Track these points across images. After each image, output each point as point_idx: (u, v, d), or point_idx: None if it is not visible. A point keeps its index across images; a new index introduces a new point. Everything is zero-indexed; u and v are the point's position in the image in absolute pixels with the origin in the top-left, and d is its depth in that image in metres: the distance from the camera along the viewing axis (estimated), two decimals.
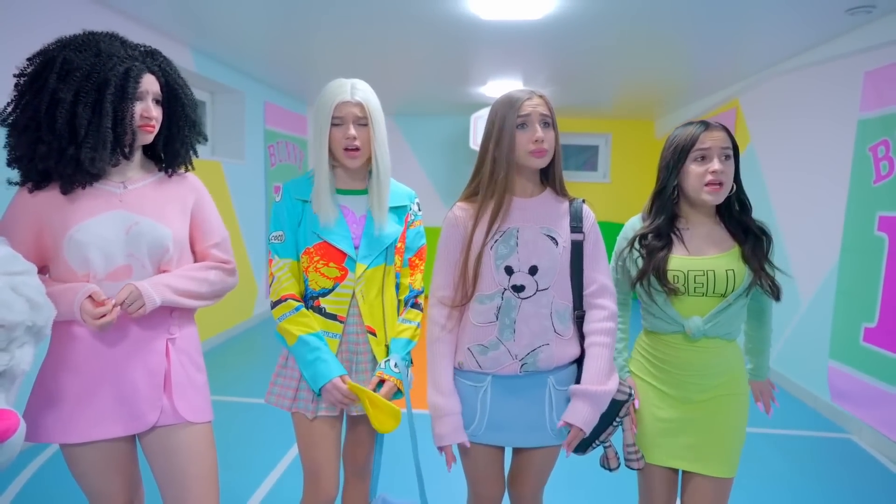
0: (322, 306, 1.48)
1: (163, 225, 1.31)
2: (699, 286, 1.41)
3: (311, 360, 1.44)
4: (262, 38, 3.97)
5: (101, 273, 1.25)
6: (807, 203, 3.79)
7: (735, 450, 1.45)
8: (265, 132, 5.51)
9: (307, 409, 1.48)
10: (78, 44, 1.22)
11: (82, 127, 1.19)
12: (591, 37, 3.68)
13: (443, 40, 3.87)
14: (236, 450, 2.79)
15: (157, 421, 1.30)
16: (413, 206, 1.58)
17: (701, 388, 1.44)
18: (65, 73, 1.18)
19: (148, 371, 1.29)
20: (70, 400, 1.26)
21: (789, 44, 3.69)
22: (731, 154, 1.40)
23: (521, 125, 1.34)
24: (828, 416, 3.46)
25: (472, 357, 1.40)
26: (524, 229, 1.38)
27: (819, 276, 3.61)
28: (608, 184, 7.22)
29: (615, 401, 1.42)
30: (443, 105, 6.40)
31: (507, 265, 1.36)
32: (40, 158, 1.20)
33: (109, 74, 1.20)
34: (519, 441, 1.43)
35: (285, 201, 1.51)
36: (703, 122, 1.42)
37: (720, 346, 1.44)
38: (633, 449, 1.48)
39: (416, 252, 1.58)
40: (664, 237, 1.45)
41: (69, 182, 1.23)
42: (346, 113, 1.41)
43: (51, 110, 1.17)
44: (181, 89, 1.35)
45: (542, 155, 1.35)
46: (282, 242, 1.50)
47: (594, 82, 5.11)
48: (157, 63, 1.31)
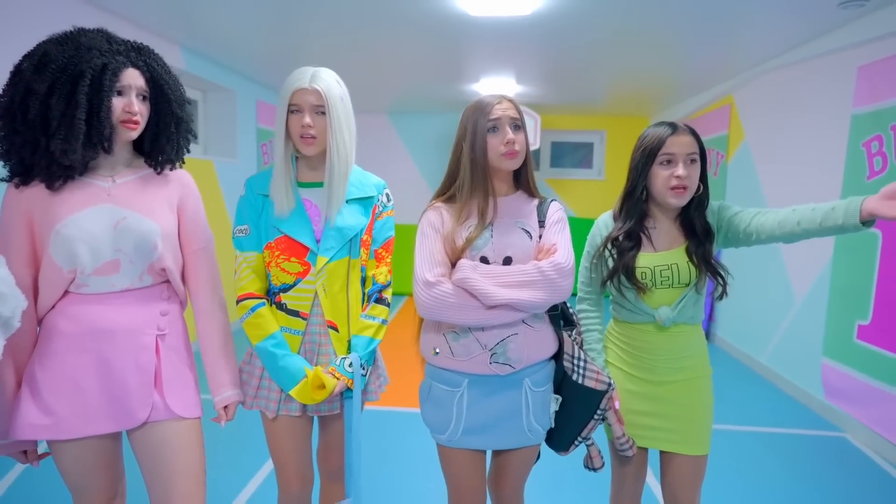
0: (283, 302, 1.46)
1: (150, 220, 1.29)
2: (665, 279, 1.49)
3: (272, 369, 1.44)
4: (253, 36, 3.93)
5: (89, 268, 1.24)
6: (801, 199, 3.75)
7: (708, 428, 1.54)
8: (257, 130, 5.47)
9: (268, 408, 1.47)
10: (60, 38, 1.22)
11: (55, 119, 1.18)
12: (582, 33, 3.65)
13: (433, 37, 3.84)
14: (226, 448, 2.76)
15: (147, 417, 1.29)
16: (381, 197, 1.53)
17: (671, 370, 1.51)
18: (42, 65, 1.19)
19: (138, 367, 1.28)
20: (59, 397, 1.25)
21: (782, 39, 3.66)
22: (696, 158, 1.46)
23: (491, 129, 1.38)
24: (821, 415, 3.42)
25: (446, 343, 1.40)
26: (499, 223, 1.41)
27: (813, 273, 3.57)
28: (603, 181, 7.19)
29: (595, 392, 1.41)
30: (436, 102, 6.36)
31: (482, 255, 1.38)
32: (16, 150, 1.21)
33: (85, 67, 1.19)
34: (496, 443, 1.43)
35: (248, 195, 1.48)
36: (671, 124, 1.47)
37: (687, 330, 1.52)
38: (624, 439, 1.49)
39: (384, 244, 1.53)
40: (634, 237, 1.51)
41: (48, 175, 1.23)
42: (302, 101, 1.39)
43: (25, 101, 1.18)
44: (167, 85, 1.33)
45: (513, 157, 1.39)
46: (246, 236, 1.47)
47: (588, 79, 5.07)
48: (142, 58, 1.29)
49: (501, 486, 1.50)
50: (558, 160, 7.43)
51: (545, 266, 1.33)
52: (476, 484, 1.45)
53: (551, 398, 1.45)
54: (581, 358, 1.44)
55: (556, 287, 1.33)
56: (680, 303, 1.49)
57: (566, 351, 1.45)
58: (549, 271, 1.32)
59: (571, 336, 1.48)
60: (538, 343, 1.40)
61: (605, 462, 1.55)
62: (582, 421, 1.45)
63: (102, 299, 1.28)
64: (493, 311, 1.32)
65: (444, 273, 1.36)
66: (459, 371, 1.39)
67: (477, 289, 1.30)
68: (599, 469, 1.54)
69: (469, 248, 1.37)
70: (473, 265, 1.34)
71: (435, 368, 1.44)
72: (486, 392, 1.39)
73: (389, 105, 6.59)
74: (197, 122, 4.98)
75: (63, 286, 1.27)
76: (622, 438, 1.49)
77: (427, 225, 1.43)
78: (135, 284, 1.31)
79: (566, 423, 1.47)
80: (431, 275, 1.34)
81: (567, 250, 1.38)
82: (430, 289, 1.33)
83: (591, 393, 1.41)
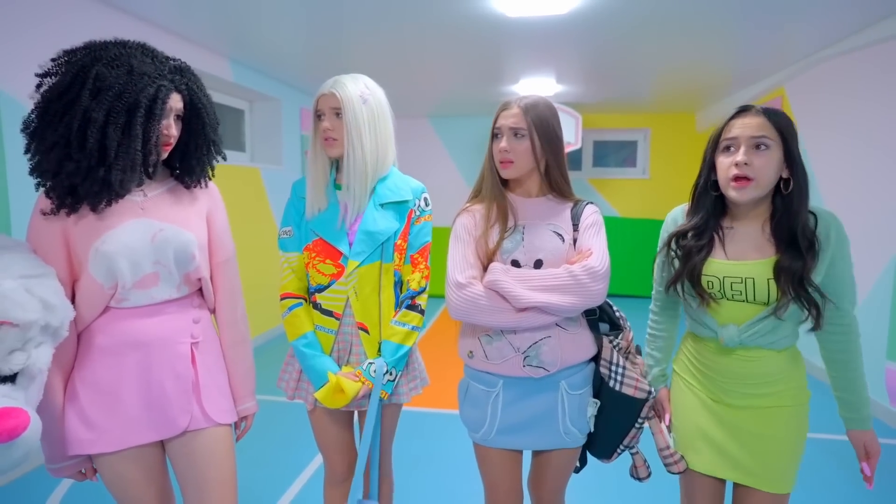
0: (318, 302, 1.52)
1: (186, 231, 1.31)
2: (737, 293, 1.28)
3: (304, 367, 1.52)
4: (297, 46, 4.04)
5: (129, 283, 1.24)
6: (859, 195, 3.56)
7: (790, 465, 1.31)
8: (301, 137, 5.61)
9: (308, 399, 1.55)
10: (110, 58, 1.19)
11: (112, 149, 1.17)
12: (622, 27, 3.57)
13: (472, 40, 3.84)
14: (270, 449, 2.83)
15: (187, 425, 1.31)
16: (419, 202, 1.53)
17: (746, 396, 1.32)
18: (97, 90, 1.16)
19: (175, 376, 1.30)
20: (100, 410, 1.26)
21: (838, 25, 3.47)
22: (768, 143, 1.22)
23: (495, 136, 1.43)
24: (887, 422, 3.23)
25: (480, 347, 1.41)
26: (530, 226, 1.41)
27: (875, 270, 3.37)
28: (647, 180, 7.01)
29: (634, 399, 1.37)
30: (476, 105, 6.36)
31: (513, 259, 1.38)
32: (67, 175, 1.18)
33: (140, 97, 1.19)
34: (532, 444, 1.42)
35: (292, 199, 1.57)
36: (745, 106, 1.29)
37: (764, 356, 1.30)
38: (669, 452, 1.40)
39: (419, 249, 1.53)
40: (704, 237, 1.32)
41: (95, 199, 1.21)
42: (323, 105, 1.47)
43: (82, 128, 1.16)
44: (204, 109, 1.34)
45: (506, 166, 1.41)
46: (290, 237, 1.55)
47: (630, 76, 4.96)
48: (184, 81, 1.30)
49: (540, 487, 1.49)
50: (601, 159, 7.30)
51: (577, 270, 1.31)
52: (511, 484, 1.44)
53: (589, 401, 1.42)
54: (619, 364, 1.40)
55: (588, 292, 1.30)
56: (753, 326, 1.27)
57: (603, 356, 1.42)
58: (581, 275, 1.30)
59: (614, 341, 1.44)
60: (573, 346, 1.38)
61: (651, 472, 1.48)
62: (623, 429, 1.41)
63: (142, 312, 1.28)
64: (523, 315, 1.31)
65: (475, 276, 1.36)
66: (494, 373, 1.39)
67: (507, 291, 1.30)
68: (645, 479, 1.48)
69: (499, 251, 1.37)
70: (505, 268, 1.34)
71: (472, 369, 1.45)
72: (521, 394, 1.38)
73: (430, 109, 6.63)
74: (244, 130, 5.16)
75: (104, 303, 1.26)
76: (666, 451, 1.40)
77: (460, 228, 1.44)
78: (173, 295, 1.32)
79: (606, 429, 1.43)
80: (463, 277, 1.35)
81: (602, 254, 1.35)
82: (461, 290, 1.33)
83: (630, 401, 1.37)
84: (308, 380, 1.53)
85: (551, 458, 1.44)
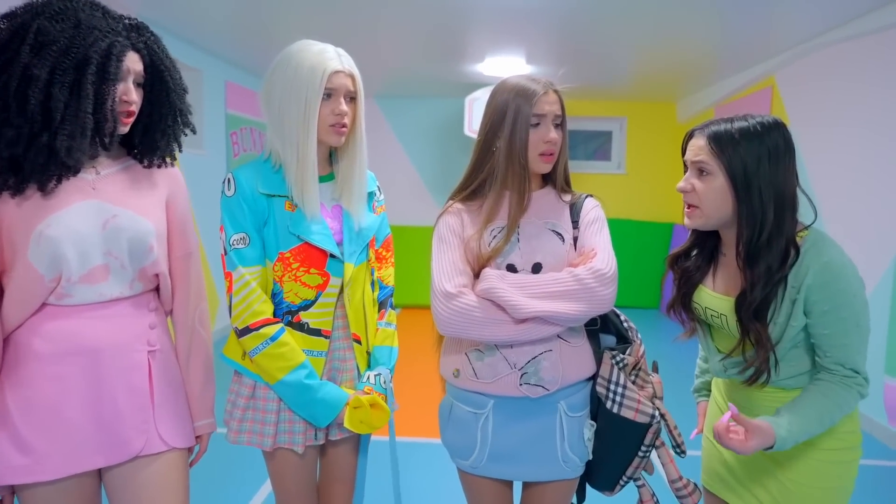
0: (304, 322, 1.42)
1: (144, 218, 1.28)
2: (720, 327, 1.36)
3: (306, 403, 1.38)
4: (223, 8, 3.87)
5: (75, 275, 1.20)
6: (855, 193, 3.74)
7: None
8: (227, 116, 5.42)
9: (294, 441, 1.41)
10: (54, 11, 1.17)
11: (58, 111, 1.15)
12: (601, 5, 3.61)
13: (432, 10, 3.80)
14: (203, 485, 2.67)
15: (141, 448, 1.26)
16: (376, 191, 1.57)
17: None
18: (39, 45, 1.14)
19: (130, 389, 1.25)
20: (37, 430, 1.19)
21: (832, 11, 3.64)
22: (707, 168, 1.25)
23: (535, 124, 1.36)
24: (885, 442, 3.39)
25: (468, 364, 1.38)
26: (526, 224, 1.39)
27: (872, 277, 3.54)
28: (623, 175, 7.17)
29: (635, 424, 1.35)
30: (433, 85, 6.33)
31: (508, 263, 1.36)
32: (6, 144, 1.15)
33: (90, 51, 1.16)
34: (527, 475, 1.40)
35: (242, 195, 1.37)
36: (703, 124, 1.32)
37: (782, 397, 1.32)
38: (682, 483, 1.42)
39: (384, 242, 1.56)
40: (704, 258, 1.39)
41: (42, 176, 1.18)
42: (338, 84, 1.37)
43: (21, 88, 1.13)
44: (167, 72, 1.32)
45: (550, 159, 1.39)
46: (248, 246, 1.37)
47: (607, 59, 5.05)
48: (142, 39, 1.28)
49: None
50: (571, 151, 7.38)
51: (582, 273, 1.29)
52: None
53: (586, 423, 1.42)
54: (619, 383, 1.38)
55: (597, 297, 1.29)
56: (728, 358, 1.34)
57: (601, 373, 1.41)
58: (587, 279, 1.29)
59: (619, 356, 1.42)
60: (576, 361, 1.37)
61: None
62: (624, 457, 1.40)
63: (87, 311, 1.24)
64: (523, 326, 1.28)
65: (465, 283, 1.33)
66: (484, 392, 1.37)
67: (505, 300, 1.27)
68: None
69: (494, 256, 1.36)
70: (500, 274, 1.31)
71: (457, 388, 1.42)
72: (515, 416, 1.36)
73: (377, 88, 6.54)
74: None
75: (41, 298, 1.21)
76: (678, 483, 1.42)
77: (446, 229, 1.41)
78: (125, 293, 1.28)
79: (606, 457, 1.43)
80: (452, 285, 1.31)
81: (607, 254, 1.35)
82: (451, 301, 1.29)
83: (630, 425, 1.36)
84: (262, 420, 1.42)
85: (546, 490, 1.42)
